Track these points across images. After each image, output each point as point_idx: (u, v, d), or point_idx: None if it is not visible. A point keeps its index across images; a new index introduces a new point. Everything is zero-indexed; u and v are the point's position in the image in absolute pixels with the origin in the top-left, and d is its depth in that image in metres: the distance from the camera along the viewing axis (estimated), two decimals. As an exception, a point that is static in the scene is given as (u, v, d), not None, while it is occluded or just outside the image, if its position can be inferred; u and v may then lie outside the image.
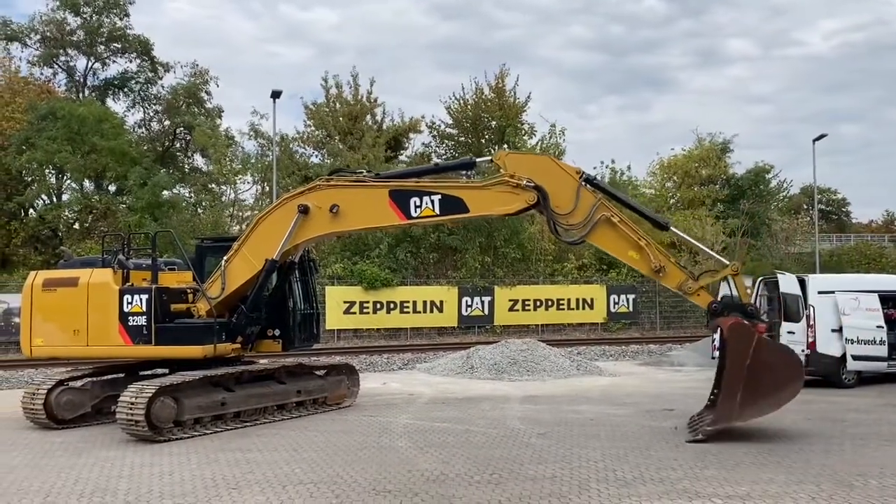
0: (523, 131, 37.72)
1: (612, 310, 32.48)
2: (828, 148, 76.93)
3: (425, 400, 14.58)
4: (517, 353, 18.86)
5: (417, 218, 11.74)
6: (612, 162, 41.32)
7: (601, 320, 32.32)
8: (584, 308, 32.24)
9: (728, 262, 11.17)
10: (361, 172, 12.79)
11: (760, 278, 17.23)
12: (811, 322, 15.55)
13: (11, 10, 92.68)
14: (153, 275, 12.08)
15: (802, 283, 15.93)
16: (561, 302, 31.95)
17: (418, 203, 11.56)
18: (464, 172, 23.28)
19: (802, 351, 15.51)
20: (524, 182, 11.12)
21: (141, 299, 11.64)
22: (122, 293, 11.73)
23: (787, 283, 16.05)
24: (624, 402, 14.19)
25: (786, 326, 15.82)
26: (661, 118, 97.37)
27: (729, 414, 10.42)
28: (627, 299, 32.76)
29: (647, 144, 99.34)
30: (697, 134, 43.77)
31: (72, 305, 11.89)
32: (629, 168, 42.10)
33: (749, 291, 12.86)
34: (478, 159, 13.33)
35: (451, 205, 11.53)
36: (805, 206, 51.63)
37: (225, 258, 12.13)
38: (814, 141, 36.98)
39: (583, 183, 11.14)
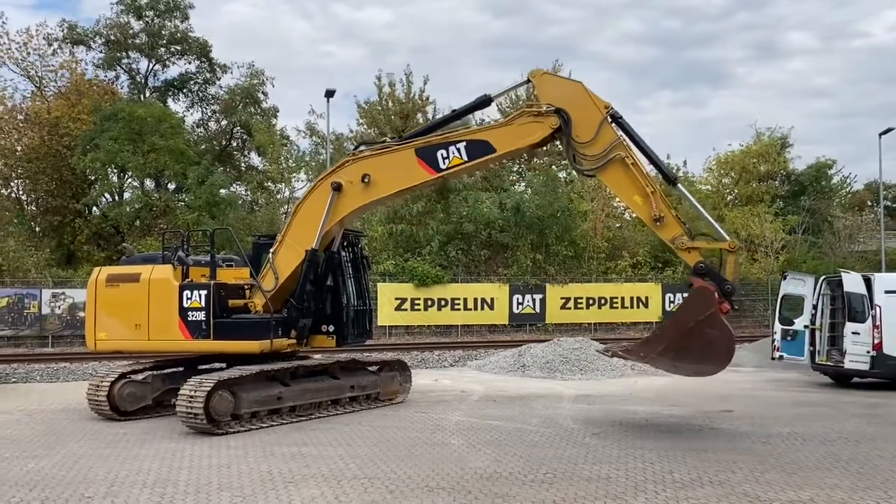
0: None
1: (668, 308, 31.86)
2: (893, 142, 74.11)
3: (477, 397, 14.56)
4: (569, 351, 18.69)
5: (447, 169, 11.77)
6: (668, 158, 40.62)
7: (656, 319, 31.74)
8: (638, 307, 31.81)
9: (728, 238, 10.90)
10: (385, 140, 12.75)
11: (823, 277, 16.70)
12: (877, 322, 15.01)
13: (77, 14, 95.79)
14: (212, 271, 12.30)
15: (868, 282, 15.38)
16: (614, 300, 31.58)
17: (445, 155, 11.60)
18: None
19: (868, 352, 15.01)
20: (544, 108, 11.10)
21: (200, 295, 11.89)
22: (181, 289, 11.98)
23: (852, 282, 15.53)
24: (680, 402, 13.93)
25: (850, 327, 15.32)
26: (717, 113, 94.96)
27: (645, 354, 10.79)
28: (684, 298, 32.08)
29: (703, 140, 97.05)
30: (756, 129, 42.56)
31: (134, 300, 12.18)
32: (685, 164, 41.39)
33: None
34: (494, 94, 12.71)
35: (478, 148, 11.54)
36: (869, 203, 49.84)
37: (271, 250, 12.29)
38: (880, 135, 35.71)
39: (608, 118, 11.03)
